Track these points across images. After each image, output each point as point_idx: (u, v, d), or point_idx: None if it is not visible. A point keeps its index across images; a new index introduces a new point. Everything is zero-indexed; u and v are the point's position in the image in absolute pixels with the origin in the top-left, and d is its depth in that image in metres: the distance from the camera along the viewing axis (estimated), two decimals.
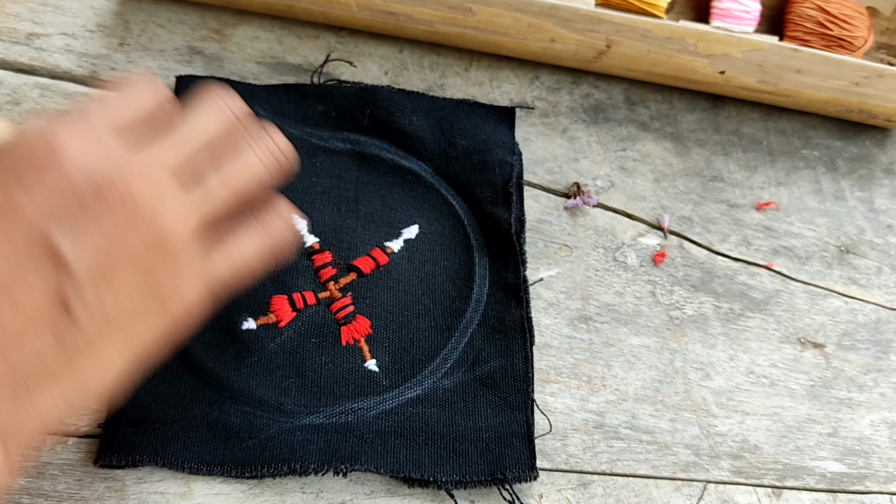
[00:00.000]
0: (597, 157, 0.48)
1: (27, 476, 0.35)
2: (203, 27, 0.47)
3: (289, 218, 0.32)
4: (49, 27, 0.45)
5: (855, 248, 0.50)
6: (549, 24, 0.46)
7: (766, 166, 0.51)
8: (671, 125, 0.50)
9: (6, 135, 0.41)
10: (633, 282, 0.45)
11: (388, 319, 0.40)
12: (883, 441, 0.44)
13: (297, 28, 0.48)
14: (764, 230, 0.49)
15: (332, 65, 0.48)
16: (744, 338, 0.45)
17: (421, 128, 0.45)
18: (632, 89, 0.51)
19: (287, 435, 0.36)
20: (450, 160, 0.44)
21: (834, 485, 0.42)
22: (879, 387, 0.46)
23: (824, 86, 0.49)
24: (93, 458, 0.36)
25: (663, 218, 0.47)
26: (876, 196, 0.52)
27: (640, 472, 0.40)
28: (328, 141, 0.44)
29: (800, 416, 0.44)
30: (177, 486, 0.36)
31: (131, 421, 0.35)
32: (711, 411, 0.43)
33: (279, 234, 0.31)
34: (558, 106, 0.49)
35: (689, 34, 0.46)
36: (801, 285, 0.48)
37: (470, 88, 0.49)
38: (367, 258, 0.41)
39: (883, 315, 0.48)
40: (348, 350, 0.39)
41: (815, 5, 0.49)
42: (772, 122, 0.52)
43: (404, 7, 0.46)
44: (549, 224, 0.46)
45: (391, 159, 0.44)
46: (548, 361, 0.42)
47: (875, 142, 0.53)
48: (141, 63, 0.45)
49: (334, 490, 0.37)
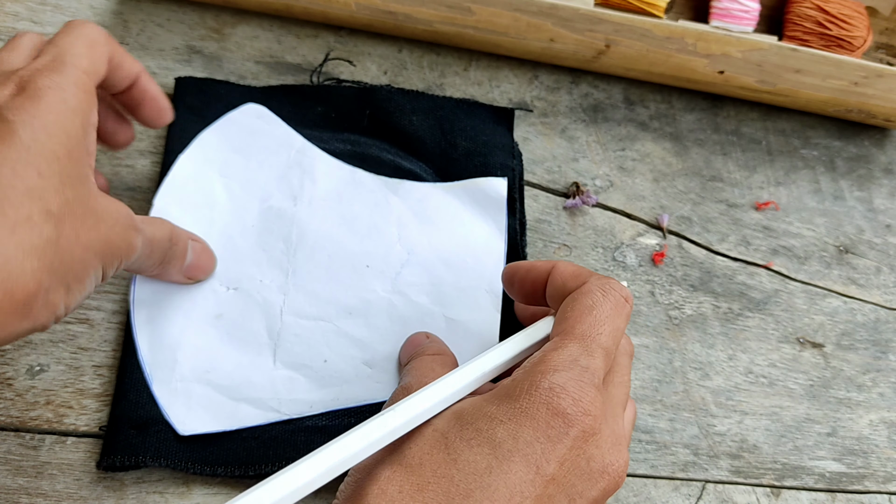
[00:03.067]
0: (596, 156, 0.48)
1: (26, 476, 0.35)
2: (202, 26, 0.47)
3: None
4: (48, 26, 0.45)
5: (854, 248, 0.50)
6: (549, 24, 0.46)
7: (765, 166, 0.51)
8: (670, 125, 0.50)
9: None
10: (632, 281, 0.45)
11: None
12: (882, 441, 0.44)
13: (297, 27, 0.48)
14: (763, 230, 0.49)
15: (332, 64, 0.47)
16: (743, 337, 0.45)
17: (421, 128, 0.45)
18: (631, 89, 0.51)
19: (290, 435, 0.36)
20: (451, 161, 0.44)
21: (833, 484, 0.42)
22: (878, 386, 0.46)
23: (823, 86, 0.49)
24: (91, 457, 0.36)
25: (662, 218, 0.47)
26: (875, 196, 0.52)
27: (638, 471, 0.40)
28: (328, 142, 0.44)
29: (799, 416, 0.44)
30: (176, 486, 0.36)
31: (134, 423, 0.35)
32: (710, 411, 0.43)
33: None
34: (557, 105, 0.49)
35: (689, 34, 0.46)
36: (800, 285, 0.48)
37: (469, 88, 0.49)
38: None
39: (882, 315, 0.48)
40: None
41: (814, 5, 0.49)
42: (771, 121, 0.52)
43: (403, 6, 0.46)
44: (549, 224, 0.46)
45: (392, 160, 0.44)
46: None
47: (874, 142, 0.53)
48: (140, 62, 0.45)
49: (333, 490, 0.37)
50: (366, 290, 0.40)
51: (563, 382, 0.27)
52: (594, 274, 0.32)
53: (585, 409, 0.26)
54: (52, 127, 0.28)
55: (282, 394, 0.37)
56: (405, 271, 0.41)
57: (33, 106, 0.28)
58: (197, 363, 0.37)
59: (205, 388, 0.37)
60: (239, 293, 0.39)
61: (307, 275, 0.40)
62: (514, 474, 0.25)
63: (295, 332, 0.39)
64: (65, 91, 0.29)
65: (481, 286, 0.41)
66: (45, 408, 0.36)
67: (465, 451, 0.26)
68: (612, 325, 0.30)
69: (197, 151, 0.42)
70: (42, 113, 0.28)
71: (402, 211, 0.42)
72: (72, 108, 0.29)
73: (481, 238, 0.42)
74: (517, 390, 0.27)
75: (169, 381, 0.36)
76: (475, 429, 0.26)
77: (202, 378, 0.37)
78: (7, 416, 0.36)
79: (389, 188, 0.43)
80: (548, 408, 0.26)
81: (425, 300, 0.40)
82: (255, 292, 0.39)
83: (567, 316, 0.30)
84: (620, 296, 0.30)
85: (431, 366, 0.33)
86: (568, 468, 0.26)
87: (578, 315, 0.29)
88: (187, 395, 0.36)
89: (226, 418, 0.36)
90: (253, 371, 0.38)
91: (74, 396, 0.37)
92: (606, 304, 0.30)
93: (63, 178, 0.27)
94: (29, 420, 0.36)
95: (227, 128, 0.43)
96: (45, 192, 0.26)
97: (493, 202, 0.43)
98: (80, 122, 0.29)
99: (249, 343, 0.38)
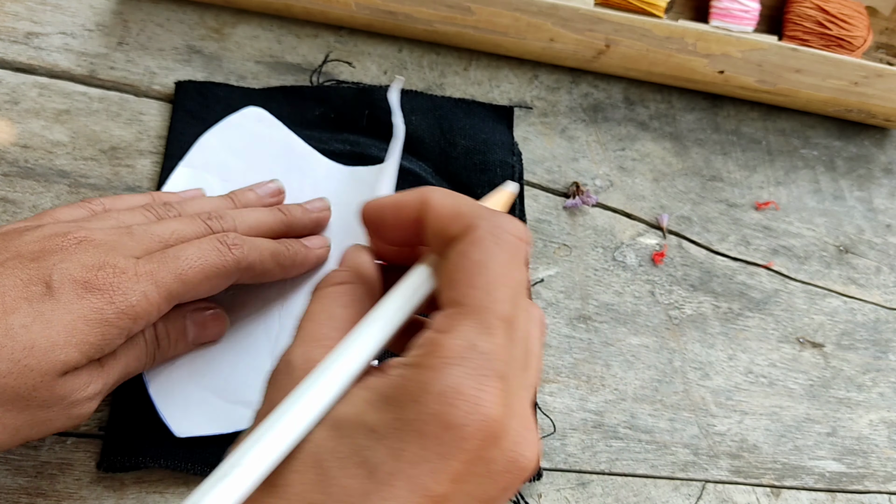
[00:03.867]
0: (596, 156, 0.48)
1: (26, 475, 0.35)
2: (202, 26, 0.47)
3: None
4: (48, 26, 0.45)
5: (854, 248, 0.50)
6: (549, 24, 0.46)
7: (765, 166, 0.51)
8: (670, 125, 0.50)
9: (4, 134, 0.41)
10: (632, 281, 0.45)
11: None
12: (881, 440, 0.44)
13: (296, 27, 0.48)
14: (763, 230, 0.49)
15: (332, 64, 0.47)
16: (743, 337, 0.45)
17: (420, 127, 0.45)
18: (631, 89, 0.51)
19: None
20: (450, 160, 0.44)
21: (833, 484, 0.42)
22: (878, 386, 0.46)
23: (823, 85, 0.49)
24: (91, 457, 0.35)
25: (662, 217, 0.47)
26: (875, 196, 0.52)
27: (639, 471, 0.40)
28: (328, 143, 0.44)
29: (798, 416, 0.44)
30: (175, 486, 0.36)
31: (134, 423, 0.35)
32: (710, 411, 0.43)
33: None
34: (557, 105, 0.49)
35: (689, 34, 0.46)
36: (799, 285, 0.48)
37: (469, 88, 0.49)
38: None
39: (882, 315, 0.48)
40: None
41: (814, 5, 0.49)
42: (771, 121, 0.52)
43: (403, 6, 0.46)
44: (549, 224, 0.46)
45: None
46: (547, 361, 0.42)
47: (874, 141, 0.53)
48: (140, 62, 0.45)
49: None
50: None
51: (457, 383, 0.22)
52: (478, 208, 0.25)
53: (485, 415, 0.22)
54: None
55: None
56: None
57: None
58: (194, 366, 0.37)
59: (202, 391, 0.37)
60: (237, 295, 0.39)
61: (305, 277, 0.40)
62: (395, 500, 0.21)
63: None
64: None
65: None
66: None
67: (337, 474, 0.22)
68: (511, 283, 0.24)
69: (197, 154, 0.42)
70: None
71: None
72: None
73: None
74: (403, 395, 0.22)
75: (166, 383, 0.36)
76: (351, 446, 0.22)
77: (199, 381, 0.37)
78: None
79: (391, 180, 0.43)
80: (438, 420, 0.21)
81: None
82: (253, 295, 0.39)
83: (455, 278, 0.24)
84: (515, 237, 0.25)
85: (321, 328, 0.26)
86: (465, 480, 0.22)
87: (468, 277, 0.24)
88: (184, 397, 0.36)
89: (222, 421, 0.36)
90: (250, 373, 0.38)
91: None
92: (501, 254, 0.24)
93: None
94: None
95: (227, 131, 0.43)
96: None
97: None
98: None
99: (247, 345, 0.38)
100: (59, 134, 0.42)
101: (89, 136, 0.42)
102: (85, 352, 0.29)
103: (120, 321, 0.30)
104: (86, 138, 0.42)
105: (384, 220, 0.28)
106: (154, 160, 0.43)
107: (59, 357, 0.28)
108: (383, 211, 0.28)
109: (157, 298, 0.31)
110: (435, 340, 0.23)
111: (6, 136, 0.42)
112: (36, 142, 0.42)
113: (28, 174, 0.41)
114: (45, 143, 0.42)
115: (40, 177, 0.41)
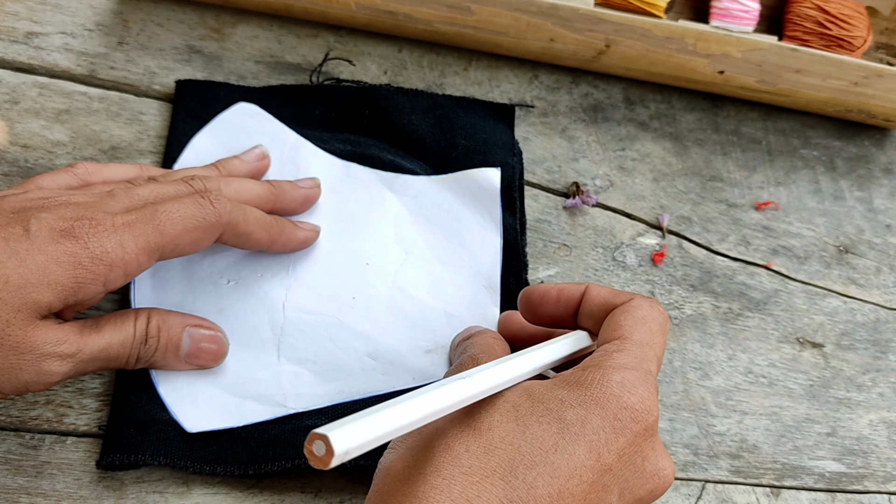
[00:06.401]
0: (596, 156, 0.48)
1: (26, 475, 0.35)
2: (202, 26, 0.47)
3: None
4: (48, 26, 0.45)
5: (854, 248, 0.50)
6: (549, 24, 0.46)
7: (765, 166, 0.51)
8: (670, 125, 0.50)
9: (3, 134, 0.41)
10: (632, 281, 0.45)
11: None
12: (881, 441, 0.44)
13: (296, 27, 0.48)
14: (763, 230, 0.49)
15: (331, 64, 0.47)
16: (742, 337, 0.45)
17: (421, 127, 0.45)
18: (631, 89, 0.51)
19: (289, 435, 0.36)
20: (450, 160, 0.44)
21: (832, 484, 0.42)
22: (878, 386, 0.46)
23: (823, 86, 0.49)
24: (91, 457, 0.36)
25: (662, 217, 0.47)
26: (875, 196, 0.52)
27: None
28: (328, 142, 0.44)
29: (798, 416, 0.44)
30: (175, 486, 0.36)
31: (134, 422, 0.35)
32: (710, 411, 0.43)
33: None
34: (557, 105, 0.49)
35: (689, 34, 0.46)
36: (799, 285, 0.48)
37: (469, 88, 0.49)
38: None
39: (882, 315, 0.48)
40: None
41: (814, 5, 0.49)
42: (771, 121, 0.52)
43: (403, 6, 0.46)
44: (549, 224, 0.46)
45: (392, 160, 0.44)
46: None
47: (874, 142, 0.53)
48: (140, 62, 0.45)
49: (333, 490, 0.37)
50: (366, 285, 0.40)
51: (632, 380, 0.28)
52: (635, 293, 0.33)
53: (650, 408, 0.28)
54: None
55: (287, 389, 0.37)
56: (403, 270, 0.41)
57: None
58: None
59: (210, 386, 0.37)
60: (239, 286, 0.39)
61: (307, 271, 0.40)
62: (576, 457, 0.26)
63: (299, 328, 0.39)
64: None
65: (479, 282, 0.41)
66: (45, 407, 0.36)
67: (534, 425, 0.27)
68: (662, 339, 0.31)
69: (191, 155, 0.42)
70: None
71: (398, 209, 0.42)
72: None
73: (477, 234, 0.42)
74: (588, 379, 0.28)
75: (174, 380, 0.36)
76: (546, 407, 0.27)
77: (207, 376, 0.37)
78: (7, 415, 0.36)
79: (385, 183, 0.43)
80: (618, 400, 0.27)
81: (426, 297, 0.41)
82: (255, 286, 0.39)
83: (621, 324, 0.31)
84: (665, 313, 0.32)
85: (493, 344, 0.34)
86: (625, 462, 0.27)
87: (633, 324, 0.30)
88: (193, 393, 0.36)
89: (232, 415, 0.36)
90: (257, 367, 0.38)
91: (74, 396, 0.37)
92: (658, 317, 0.31)
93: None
94: (29, 420, 0.36)
95: (219, 129, 0.43)
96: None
97: (486, 193, 0.43)
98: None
99: (253, 339, 0.38)
100: (59, 134, 0.42)
101: (89, 136, 0.43)
102: (58, 294, 0.29)
103: (94, 266, 0.30)
104: (86, 138, 0.42)
105: (544, 302, 0.34)
106: (154, 160, 0.43)
107: (31, 295, 0.29)
108: (547, 295, 0.34)
109: (135, 248, 0.31)
110: (609, 353, 0.29)
111: (6, 136, 0.42)
112: (36, 142, 0.42)
113: (28, 174, 0.41)
114: (45, 143, 0.42)
115: None
